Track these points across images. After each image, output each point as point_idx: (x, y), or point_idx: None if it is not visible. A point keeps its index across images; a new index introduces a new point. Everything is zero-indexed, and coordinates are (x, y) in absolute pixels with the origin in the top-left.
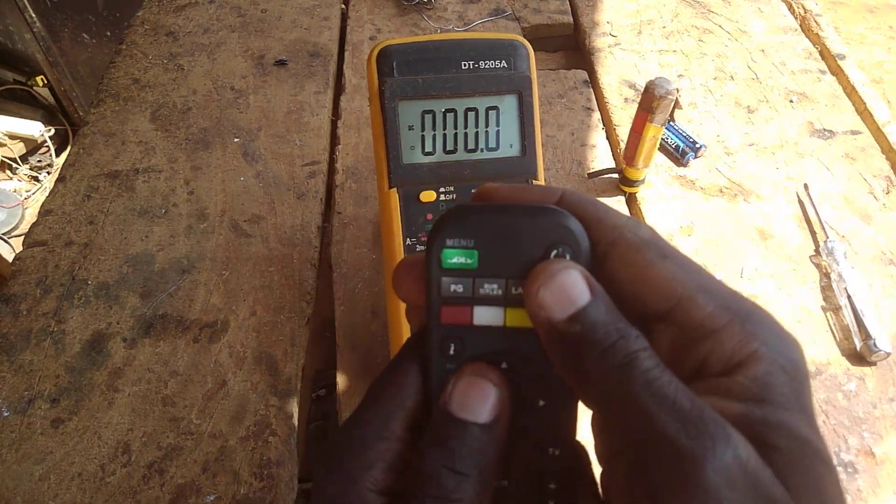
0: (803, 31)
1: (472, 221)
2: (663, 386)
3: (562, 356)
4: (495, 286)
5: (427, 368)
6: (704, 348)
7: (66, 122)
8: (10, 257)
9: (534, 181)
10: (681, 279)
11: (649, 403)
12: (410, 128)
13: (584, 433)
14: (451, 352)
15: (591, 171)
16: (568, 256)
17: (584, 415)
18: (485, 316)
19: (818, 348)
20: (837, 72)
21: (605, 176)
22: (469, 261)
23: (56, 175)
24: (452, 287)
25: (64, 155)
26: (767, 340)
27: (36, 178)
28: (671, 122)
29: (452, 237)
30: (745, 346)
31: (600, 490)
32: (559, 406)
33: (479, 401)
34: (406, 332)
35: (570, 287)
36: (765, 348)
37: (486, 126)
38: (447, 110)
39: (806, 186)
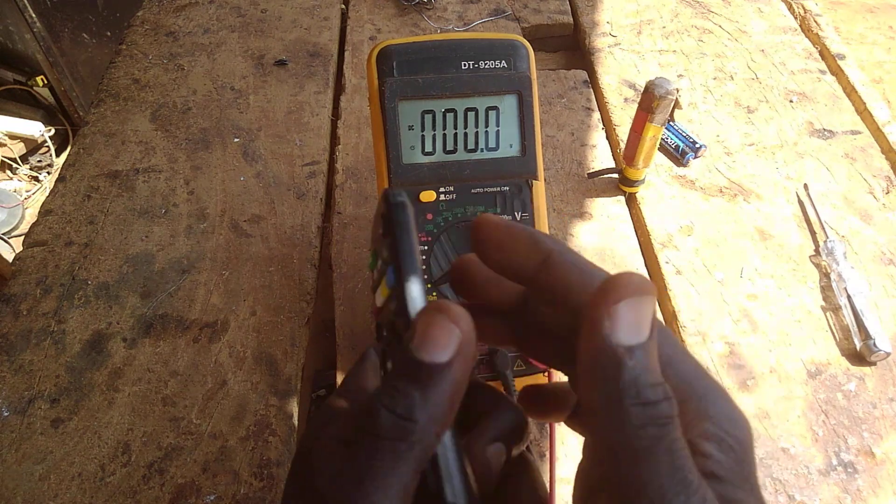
0: (803, 31)
1: None
2: (674, 457)
3: (599, 378)
4: None
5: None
6: None
7: (66, 122)
8: (10, 257)
9: (534, 181)
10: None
11: (645, 471)
12: (410, 128)
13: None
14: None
15: (591, 171)
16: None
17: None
18: None
19: (818, 348)
20: (837, 72)
21: (605, 176)
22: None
23: (56, 175)
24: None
25: (64, 155)
26: (718, 420)
27: (36, 178)
28: (671, 122)
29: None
30: (697, 425)
31: None
32: None
33: (439, 340)
34: None
35: (644, 316)
36: (714, 428)
37: (486, 126)
38: (447, 110)
39: (806, 186)
